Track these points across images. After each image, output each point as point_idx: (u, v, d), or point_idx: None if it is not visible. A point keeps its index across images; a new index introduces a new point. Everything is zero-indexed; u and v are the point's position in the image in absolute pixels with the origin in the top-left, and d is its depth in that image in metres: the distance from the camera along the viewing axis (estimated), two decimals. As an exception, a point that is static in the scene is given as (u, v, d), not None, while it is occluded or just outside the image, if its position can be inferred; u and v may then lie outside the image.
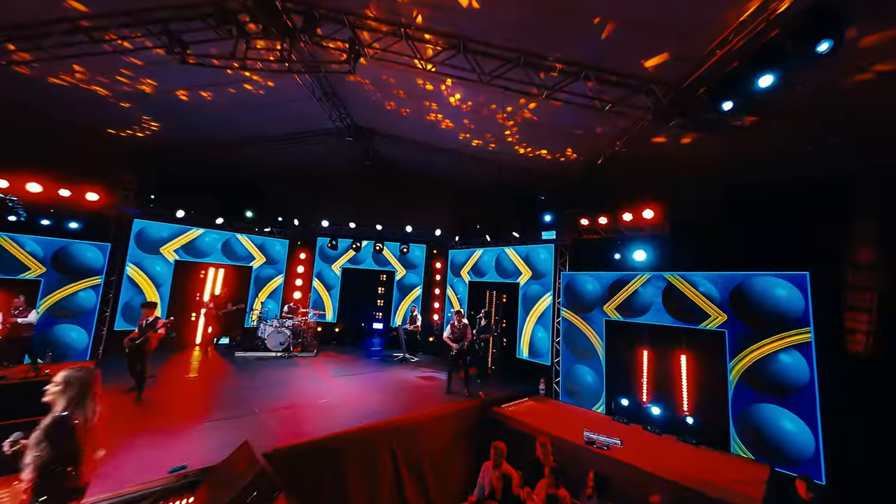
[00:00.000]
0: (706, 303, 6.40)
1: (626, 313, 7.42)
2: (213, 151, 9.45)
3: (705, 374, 6.39)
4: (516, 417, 6.72)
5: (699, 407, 6.35)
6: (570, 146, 7.55)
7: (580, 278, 8.28)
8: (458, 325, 7.64)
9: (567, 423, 6.64)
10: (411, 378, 8.64)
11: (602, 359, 7.64)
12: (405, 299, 12.75)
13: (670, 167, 7.15)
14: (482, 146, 8.54)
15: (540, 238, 9.33)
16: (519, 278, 9.81)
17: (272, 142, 9.31)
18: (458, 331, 7.61)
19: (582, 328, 8.09)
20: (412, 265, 12.85)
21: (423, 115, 7.59)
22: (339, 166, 11.09)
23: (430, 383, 8.32)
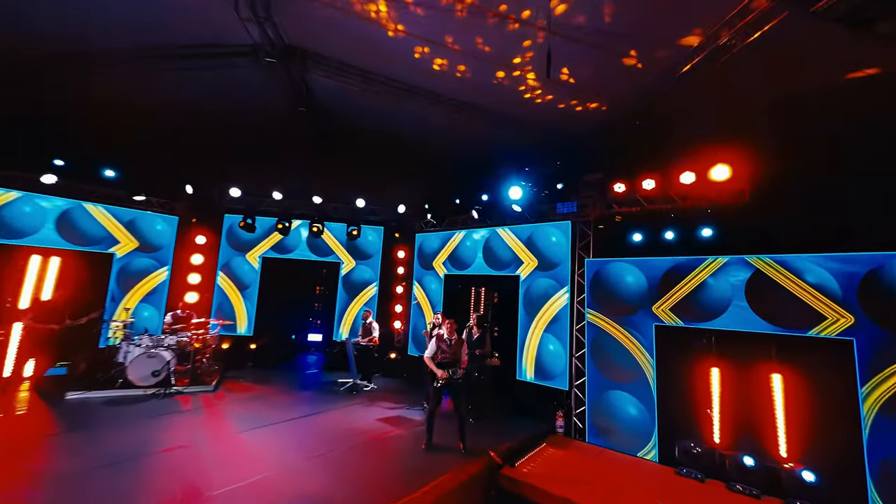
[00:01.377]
0: (820, 299, 4.63)
1: (687, 315, 5.49)
2: (49, 68, 5.96)
3: (820, 403, 4.62)
4: (543, 487, 4.44)
5: (814, 454, 4.55)
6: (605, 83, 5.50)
7: (615, 267, 6.23)
8: (448, 341, 5.15)
9: (617, 486, 4.52)
10: (367, 423, 5.95)
11: (652, 382, 5.64)
12: (355, 301, 9.90)
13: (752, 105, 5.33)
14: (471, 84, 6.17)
15: (552, 212, 7.16)
16: (519, 269, 7.56)
17: (151, 57, 6.05)
18: (449, 349, 5.11)
19: (619, 338, 6.04)
20: (365, 254, 10.04)
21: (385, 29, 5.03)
22: (259, 110, 8.02)
23: (397, 431, 5.71)
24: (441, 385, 4.97)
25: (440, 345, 5.10)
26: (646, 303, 5.87)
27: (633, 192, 6.23)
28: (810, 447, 4.63)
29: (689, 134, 5.82)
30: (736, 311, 5.15)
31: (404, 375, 8.96)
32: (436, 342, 5.12)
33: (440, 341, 5.12)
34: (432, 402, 5.07)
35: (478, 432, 5.61)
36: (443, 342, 5.11)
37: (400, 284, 9.83)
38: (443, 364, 5.03)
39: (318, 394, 7.30)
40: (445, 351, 5.08)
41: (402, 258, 9.82)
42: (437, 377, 4.98)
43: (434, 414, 5.06)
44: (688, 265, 5.58)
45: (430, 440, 5.07)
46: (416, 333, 9.25)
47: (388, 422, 6.01)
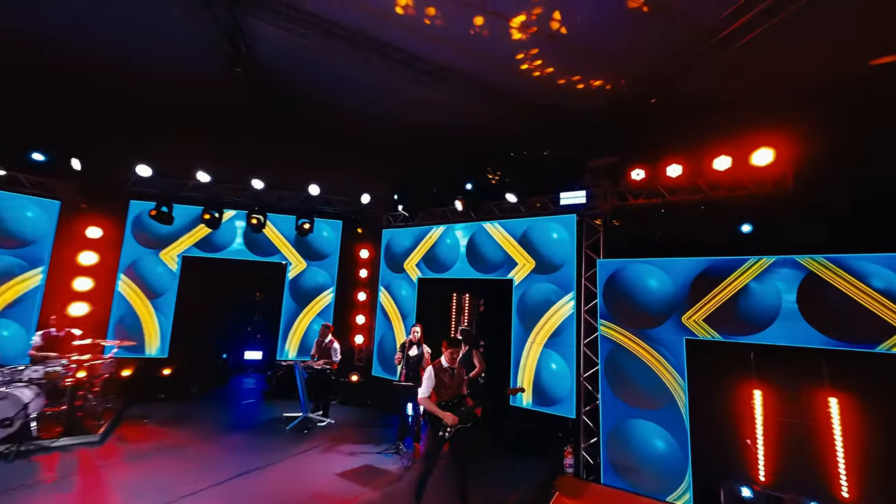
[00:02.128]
0: (889, 307, 3.96)
1: (726, 327, 4.68)
2: None
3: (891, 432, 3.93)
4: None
5: (883, 494, 3.84)
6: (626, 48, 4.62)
7: (635, 269, 5.31)
8: (449, 371, 3.89)
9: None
10: (327, 481, 4.51)
11: (683, 408, 4.76)
12: (305, 311, 8.27)
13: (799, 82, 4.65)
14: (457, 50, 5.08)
15: (553, 204, 6.14)
16: (512, 272, 6.46)
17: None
18: (452, 383, 3.85)
19: (641, 354, 5.12)
20: (319, 254, 8.44)
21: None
22: (182, 67, 6.32)
23: (368, 493, 4.31)
24: (449, 433, 3.67)
25: (440, 377, 3.81)
26: (674, 312, 5.00)
27: (655, 180, 5.36)
28: (879, 485, 3.93)
29: (723, 115, 5.05)
30: (786, 321, 4.38)
31: (368, 402, 7.51)
32: (433, 375, 3.82)
33: (440, 372, 3.83)
34: (429, 458, 3.75)
35: (482, 480, 4.37)
36: (443, 374, 3.82)
37: (363, 290, 8.35)
38: (448, 404, 3.75)
39: (256, 436, 5.67)
40: (448, 385, 3.80)
41: (365, 258, 8.36)
42: (441, 424, 3.67)
43: (430, 473, 3.74)
44: (726, 267, 4.77)
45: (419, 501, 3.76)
46: (384, 349, 7.84)
47: (355, 476, 4.59)
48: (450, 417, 3.64)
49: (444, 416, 3.65)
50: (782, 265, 4.48)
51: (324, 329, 6.68)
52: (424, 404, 3.77)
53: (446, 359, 3.85)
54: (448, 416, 3.65)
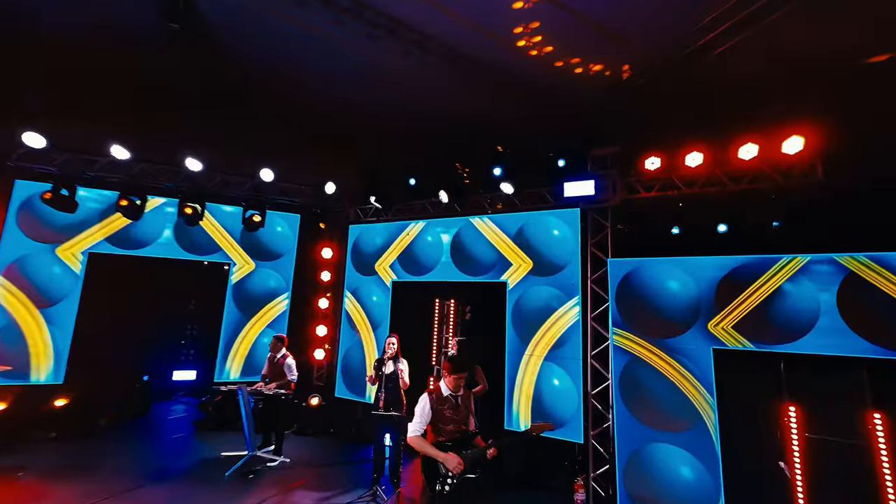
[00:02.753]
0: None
1: (758, 335, 4.15)
2: None
3: (946, 450, 3.52)
4: None
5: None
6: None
7: (653, 270, 4.69)
8: (453, 399, 2.93)
9: None
10: None
11: (713, 430, 4.15)
12: (253, 321, 6.90)
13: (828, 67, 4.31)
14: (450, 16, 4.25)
15: (553, 196, 5.44)
16: (505, 274, 5.64)
17: None
18: (455, 415, 2.90)
19: (661, 367, 4.47)
20: (271, 253, 7.11)
21: None
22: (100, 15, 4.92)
23: None
24: (452, 484, 2.69)
25: (439, 410, 2.83)
26: (698, 318, 4.41)
27: (671, 171, 4.80)
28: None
29: (744, 101, 4.59)
30: (825, 328, 3.91)
31: (331, 430, 6.29)
32: (428, 407, 2.84)
33: (438, 403, 2.86)
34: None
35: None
36: (443, 405, 2.86)
37: (324, 296, 7.13)
38: (452, 443, 2.77)
39: (183, 487, 4.30)
40: (450, 419, 2.83)
41: (328, 259, 7.16)
42: (441, 472, 2.69)
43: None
44: (757, 266, 4.25)
45: None
46: (350, 365, 6.67)
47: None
48: (453, 461, 2.68)
49: (444, 460, 2.69)
50: (819, 264, 4.02)
51: (275, 342, 5.42)
52: (417, 445, 2.79)
53: (448, 385, 2.90)
54: (451, 458, 2.69)
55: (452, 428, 2.85)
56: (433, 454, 2.73)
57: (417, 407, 2.88)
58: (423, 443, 2.79)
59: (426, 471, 2.79)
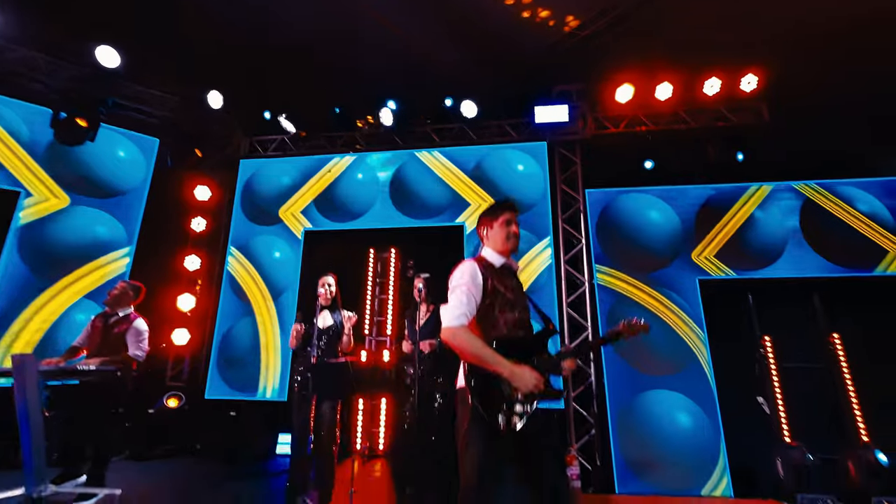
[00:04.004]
0: (876, 230, 3.91)
1: (738, 261, 4.00)
2: None
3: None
4: None
5: None
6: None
7: (633, 201, 4.28)
8: (508, 270, 1.71)
9: None
10: None
11: (707, 367, 3.75)
12: (59, 287, 4.28)
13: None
14: None
15: (515, 129, 4.73)
16: (462, 216, 4.63)
17: None
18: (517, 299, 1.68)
19: (650, 304, 3.98)
20: (104, 187, 4.66)
21: None
22: None
23: None
24: (527, 414, 1.41)
25: (496, 287, 1.59)
26: (682, 249, 4.08)
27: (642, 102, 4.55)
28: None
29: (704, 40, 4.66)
30: (793, 251, 3.94)
31: (198, 447, 4.07)
32: (479, 273, 1.56)
33: (494, 275, 1.61)
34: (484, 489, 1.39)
35: None
36: (502, 280, 1.63)
37: (194, 252, 4.91)
38: (515, 347, 1.52)
39: None
40: (514, 305, 1.59)
41: (203, 202, 5.02)
42: (506, 393, 1.41)
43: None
44: (729, 194, 4.17)
45: None
46: (232, 349, 4.60)
47: None
48: (529, 376, 1.45)
49: (513, 375, 1.45)
50: (782, 192, 4.10)
51: (121, 292, 3.19)
52: (469, 347, 1.48)
53: (498, 244, 1.70)
54: (526, 373, 1.46)
55: (516, 318, 1.60)
56: (495, 363, 1.43)
57: (456, 278, 1.57)
58: (480, 345, 1.47)
59: (479, 394, 1.46)
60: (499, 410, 1.45)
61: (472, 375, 1.48)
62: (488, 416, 1.43)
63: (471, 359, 1.47)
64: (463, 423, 1.51)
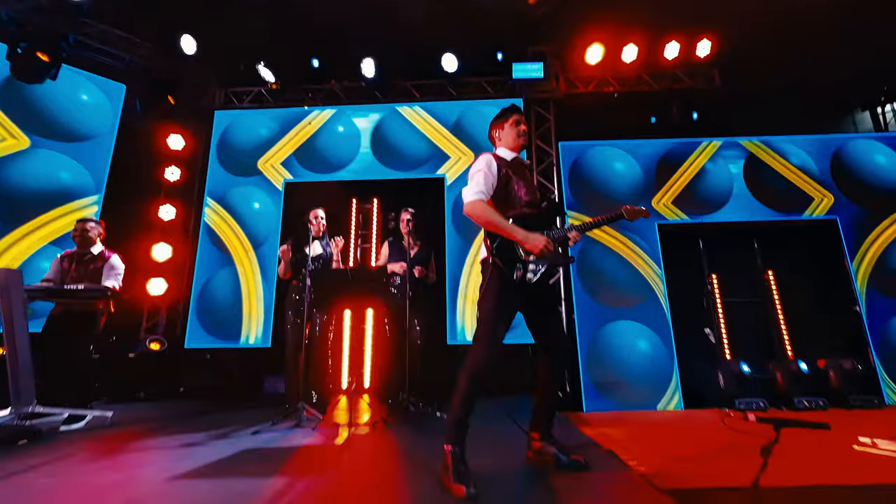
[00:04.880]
0: (805, 180, 4.47)
1: (690, 207, 4.45)
2: None
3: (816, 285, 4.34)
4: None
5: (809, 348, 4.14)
6: None
7: (600, 153, 4.61)
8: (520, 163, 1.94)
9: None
10: None
11: (664, 299, 4.18)
12: (20, 233, 4.06)
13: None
14: None
15: (493, 86, 4.93)
16: (443, 168, 4.80)
17: None
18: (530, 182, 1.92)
19: (616, 247, 4.36)
20: (68, 130, 4.43)
21: None
22: None
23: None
24: (536, 273, 1.65)
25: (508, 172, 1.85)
26: (644, 197, 4.46)
27: (612, 64, 4.87)
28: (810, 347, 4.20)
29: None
30: (738, 199, 4.43)
31: (181, 390, 4.06)
32: (494, 163, 1.82)
33: (504, 165, 1.83)
34: (491, 339, 1.62)
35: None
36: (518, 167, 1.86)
37: (169, 202, 4.78)
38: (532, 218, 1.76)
39: None
40: (528, 186, 1.86)
41: (177, 151, 4.87)
42: (521, 255, 1.65)
43: (484, 377, 1.61)
44: (684, 149, 4.58)
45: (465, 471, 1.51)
46: (211, 300, 4.58)
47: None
48: (539, 239, 1.68)
49: (526, 240, 1.67)
50: (729, 147, 4.56)
51: (81, 230, 3.13)
52: (484, 217, 1.68)
53: (510, 140, 1.92)
54: (537, 238, 1.69)
55: (528, 199, 1.82)
56: (510, 230, 1.65)
57: (475, 167, 1.76)
58: (493, 213, 1.70)
59: (499, 252, 1.68)
60: (513, 266, 1.67)
61: (492, 240, 1.68)
62: (505, 267, 1.65)
63: (488, 227, 1.68)
64: (484, 283, 1.72)
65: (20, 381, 2.53)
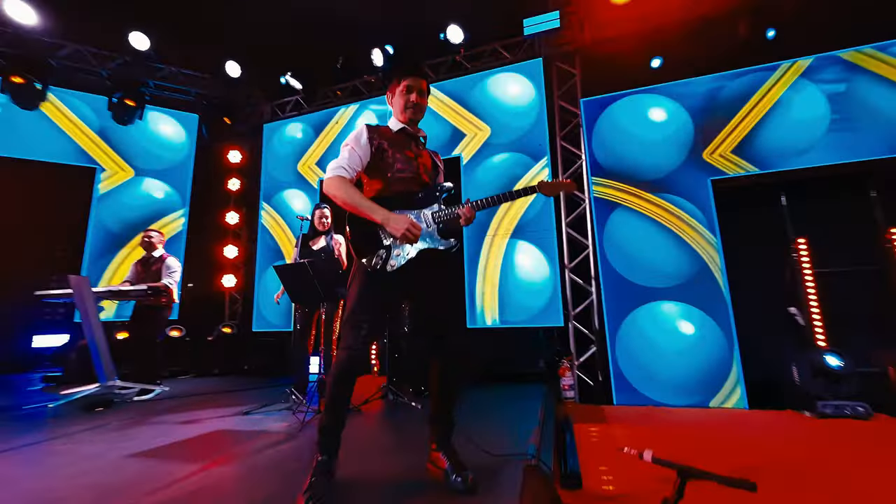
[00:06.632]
0: (956, 93, 3.01)
1: (760, 154, 3.38)
2: None
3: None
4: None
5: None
6: None
7: (631, 104, 3.82)
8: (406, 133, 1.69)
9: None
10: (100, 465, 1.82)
11: (720, 274, 3.32)
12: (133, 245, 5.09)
13: None
14: None
15: (507, 50, 4.40)
16: (459, 147, 4.51)
17: None
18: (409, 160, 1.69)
19: (652, 212, 3.59)
20: (157, 159, 5.38)
21: None
22: None
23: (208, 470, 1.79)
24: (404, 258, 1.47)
25: (383, 146, 1.63)
26: (691, 148, 3.56)
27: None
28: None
29: None
30: (834, 133, 3.22)
31: (245, 368, 4.73)
32: (365, 134, 1.60)
33: (380, 136, 1.61)
34: (352, 329, 1.49)
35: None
36: (392, 140, 1.67)
37: (234, 209, 5.51)
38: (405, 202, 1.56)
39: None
40: (404, 163, 1.62)
41: (236, 163, 5.57)
42: (384, 241, 1.52)
43: (352, 374, 1.47)
44: (751, 80, 3.51)
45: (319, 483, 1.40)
46: (270, 292, 5.15)
47: (174, 453, 2.00)
48: (401, 221, 1.47)
49: (386, 221, 1.48)
50: (822, 65, 3.34)
51: (147, 239, 3.79)
52: (340, 193, 1.53)
53: (400, 111, 1.67)
54: (399, 219, 1.49)
55: (405, 175, 1.60)
56: (367, 209, 1.47)
57: (347, 139, 1.61)
58: (351, 190, 1.51)
59: (354, 238, 1.53)
60: (373, 253, 1.50)
61: (349, 223, 1.54)
62: (359, 257, 1.50)
63: (345, 206, 1.51)
64: (350, 273, 1.60)
65: (101, 361, 3.22)
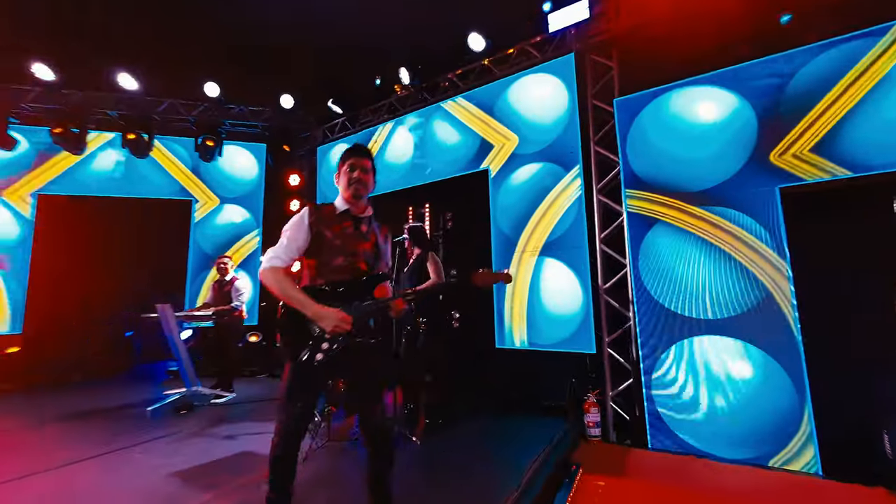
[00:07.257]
0: None
1: (855, 151, 2.54)
2: None
3: None
4: None
5: None
6: None
7: (676, 98, 3.18)
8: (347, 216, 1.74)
9: None
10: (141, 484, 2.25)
11: (788, 307, 2.63)
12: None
13: None
14: None
15: (537, 48, 4.01)
16: (487, 160, 4.30)
17: None
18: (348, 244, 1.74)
19: (700, 229, 3.00)
20: (235, 187, 6.21)
21: None
22: None
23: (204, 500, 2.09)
24: (333, 351, 1.51)
25: (323, 232, 1.69)
26: (752, 150, 2.87)
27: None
28: None
29: None
30: (980, 117, 2.27)
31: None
32: (306, 219, 1.70)
33: (320, 220, 1.72)
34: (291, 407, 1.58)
35: (436, 462, 2.25)
36: (332, 224, 1.73)
37: (295, 228, 6.08)
38: (339, 290, 1.63)
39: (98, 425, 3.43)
40: (341, 250, 1.67)
41: (296, 186, 6.14)
42: (315, 332, 1.59)
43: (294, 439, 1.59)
44: (848, 51, 2.65)
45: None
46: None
47: (199, 475, 2.37)
48: (331, 316, 1.48)
49: (317, 316, 1.52)
50: (961, 19, 2.36)
51: (220, 265, 4.45)
52: (273, 284, 1.60)
53: (344, 193, 1.67)
54: (329, 314, 1.51)
55: (341, 263, 1.63)
56: (299, 303, 1.53)
57: (289, 223, 1.69)
58: (285, 282, 1.58)
59: (285, 331, 1.61)
60: (302, 346, 1.56)
61: (282, 313, 1.62)
62: (286, 349, 1.58)
63: (280, 298, 1.60)
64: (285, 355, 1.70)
65: (186, 370, 3.93)
